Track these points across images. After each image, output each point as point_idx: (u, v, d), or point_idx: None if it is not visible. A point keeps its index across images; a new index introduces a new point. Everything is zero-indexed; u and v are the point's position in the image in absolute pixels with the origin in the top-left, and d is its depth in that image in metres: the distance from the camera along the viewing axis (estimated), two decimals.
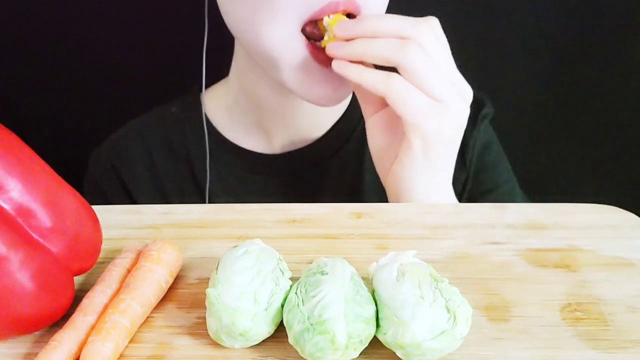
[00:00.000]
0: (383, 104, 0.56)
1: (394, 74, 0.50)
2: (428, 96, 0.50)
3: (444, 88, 0.51)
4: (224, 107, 0.72)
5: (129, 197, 0.73)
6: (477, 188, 0.71)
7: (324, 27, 0.55)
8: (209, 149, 0.70)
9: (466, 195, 0.71)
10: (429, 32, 0.51)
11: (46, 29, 0.88)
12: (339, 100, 0.60)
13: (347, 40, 0.52)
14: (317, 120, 0.71)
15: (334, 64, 0.53)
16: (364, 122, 0.72)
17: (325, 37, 0.55)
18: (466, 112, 0.53)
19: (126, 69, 0.89)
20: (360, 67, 0.52)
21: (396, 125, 0.55)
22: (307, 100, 0.59)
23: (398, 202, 0.56)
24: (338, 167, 0.71)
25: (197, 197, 0.71)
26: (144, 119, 0.76)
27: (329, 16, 0.54)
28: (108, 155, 0.74)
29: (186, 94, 0.75)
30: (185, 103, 0.74)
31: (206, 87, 0.71)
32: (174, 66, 0.83)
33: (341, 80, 0.57)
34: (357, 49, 0.52)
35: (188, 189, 0.72)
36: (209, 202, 0.70)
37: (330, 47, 0.53)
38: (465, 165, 0.70)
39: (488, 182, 0.71)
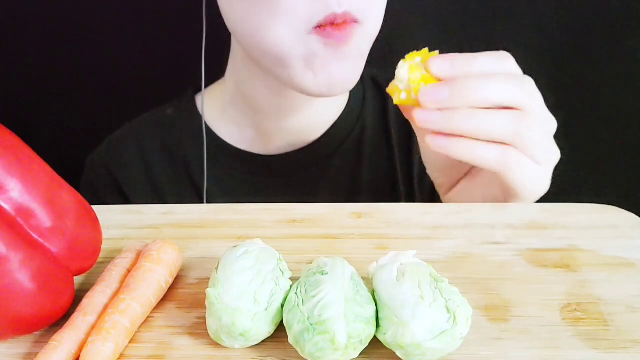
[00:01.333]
0: None
1: (510, 150, 0.46)
2: (535, 163, 0.48)
3: (548, 155, 0.50)
4: (220, 109, 0.72)
5: (126, 200, 0.73)
6: None
7: (400, 79, 0.46)
8: (206, 150, 0.70)
9: None
10: (536, 96, 0.47)
11: (46, 30, 0.88)
12: (351, 86, 0.59)
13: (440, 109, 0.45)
14: (315, 121, 0.71)
15: (431, 140, 0.46)
16: (361, 122, 0.72)
17: (403, 96, 0.46)
18: (552, 170, 0.51)
19: (125, 70, 0.89)
20: (469, 142, 0.46)
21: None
22: (317, 94, 0.58)
23: None
24: (336, 167, 0.71)
25: (195, 199, 0.71)
26: (140, 122, 0.75)
27: (409, 63, 0.46)
28: (104, 158, 0.74)
29: (182, 95, 0.75)
30: (181, 105, 0.74)
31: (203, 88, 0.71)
32: (172, 67, 0.83)
33: (353, 65, 0.56)
34: (469, 125, 0.45)
35: (185, 191, 0.72)
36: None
37: (427, 120, 0.45)
38: None
39: None
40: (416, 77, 0.46)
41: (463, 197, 0.55)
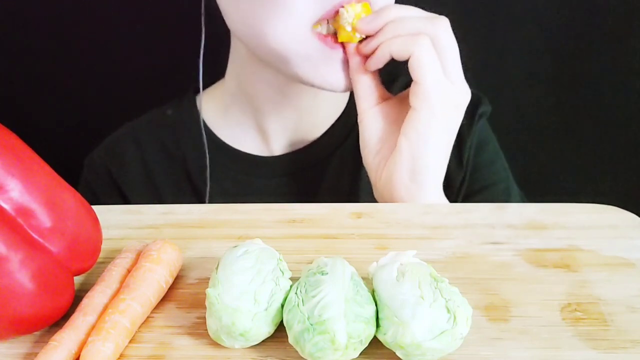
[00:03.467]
0: (382, 98, 0.57)
1: (422, 35, 0.53)
2: (444, 72, 0.54)
3: (459, 68, 0.55)
4: (220, 109, 0.72)
5: (124, 200, 0.73)
6: (473, 186, 0.71)
7: (340, 20, 0.55)
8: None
9: (463, 193, 0.71)
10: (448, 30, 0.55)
11: (46, 30, 0.88)
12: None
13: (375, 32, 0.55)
14: (316, 120, 0.71)
15: (370, 61, 0.56)
16: None
17: (344, 33, 0.56)
18: (469, 95, 0.56)
19: (125, 70, 0.89)
20: (392, 39, 0.54)
21: (396, 117, 0.57)
22: (324, 88, 0.59)
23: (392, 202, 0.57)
24: (336, 167, 0.71)
25: (194, 200, 0.71)
26: (139, 122, 0.75)
27: (346, 10, 0.55)
28: (103, 158, 0.74)
29: (182, 96, 0.75)
30: (180, 105, 0.74)
31: (202, 89, 0.71)
32: (172, 68, 0.83)
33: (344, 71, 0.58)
34: (388, 32, 0.54)
35: (184, 193, 0.72)
36: None
37: (364, 48, 0.56)
38: (462, 164, 0.70)
39: (484, 180, 0.71)
40: (357, 11, 0.55)
41: (392, 168, 0.56)
